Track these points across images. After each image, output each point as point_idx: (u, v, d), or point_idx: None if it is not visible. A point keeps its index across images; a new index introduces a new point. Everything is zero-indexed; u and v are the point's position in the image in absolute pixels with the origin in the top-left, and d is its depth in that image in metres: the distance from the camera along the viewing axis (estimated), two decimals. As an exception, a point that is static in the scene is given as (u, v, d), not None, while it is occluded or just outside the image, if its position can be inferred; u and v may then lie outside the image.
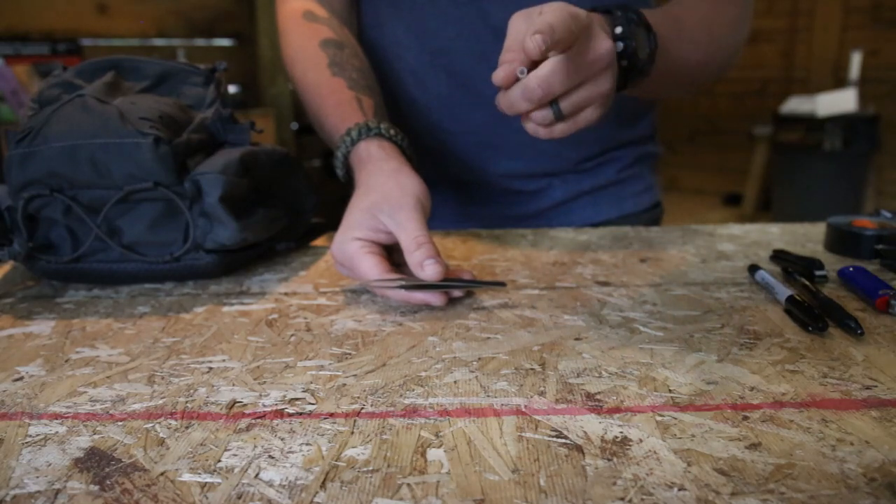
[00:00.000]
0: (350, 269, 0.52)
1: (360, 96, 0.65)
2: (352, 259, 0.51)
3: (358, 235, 0.52)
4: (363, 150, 0.58)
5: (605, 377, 0.38)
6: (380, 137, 0.59)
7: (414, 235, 0.50)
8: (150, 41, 2.72)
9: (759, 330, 0.44)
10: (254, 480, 0.29)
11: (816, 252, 0.62)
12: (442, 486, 0.28)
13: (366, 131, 0.59)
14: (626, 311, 0.48)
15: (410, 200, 0.52)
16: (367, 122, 0.59)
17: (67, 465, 0.30)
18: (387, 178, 0.54)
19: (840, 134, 3.34)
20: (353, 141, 0.59)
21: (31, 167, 0.53)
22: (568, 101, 0.48)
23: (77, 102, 0.55)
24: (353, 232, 0.52)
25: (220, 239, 0.55)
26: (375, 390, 0.37)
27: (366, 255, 0.51)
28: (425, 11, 0.73)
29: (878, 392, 0.35)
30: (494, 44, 0.73)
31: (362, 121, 0.60)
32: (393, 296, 0.50)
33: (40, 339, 0.45)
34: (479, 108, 0.75)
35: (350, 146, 0.59)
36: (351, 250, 0.51)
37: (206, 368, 0.40)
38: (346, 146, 0.59)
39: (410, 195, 0.52)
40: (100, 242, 0.55)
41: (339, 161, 0.61)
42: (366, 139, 0.58)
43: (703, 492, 0.27)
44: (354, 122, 0.60)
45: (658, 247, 0.65)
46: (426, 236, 0.50)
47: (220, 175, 0.54)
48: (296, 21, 0.73)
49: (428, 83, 0.75)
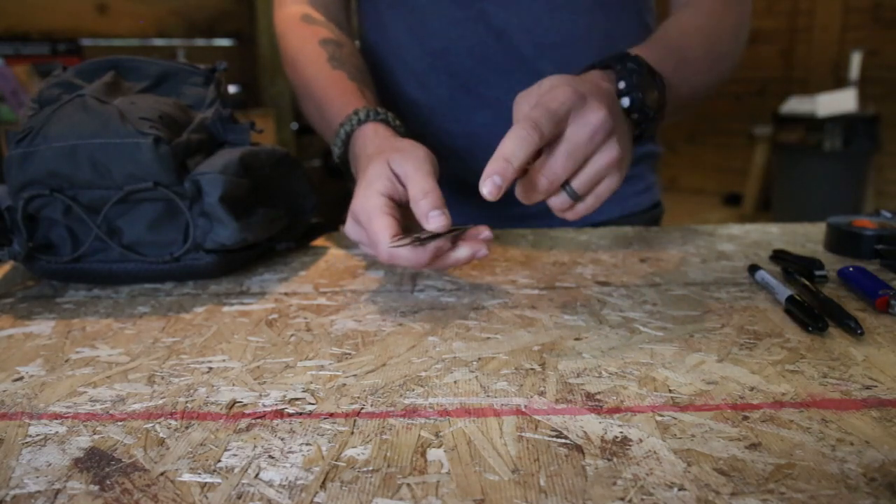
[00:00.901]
0: (366, 225, 0.50)
1: (362, 88, 0.65)
2: (369, 215, 0.49)
3: (380, 189, 0.50)
4: (370, 129, 0.58)
5: (605, 377, 0.38)
6: (386, 124, 0.59)
7: (421, 185, 0.48)
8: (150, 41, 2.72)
9: (759, 330, 0.44)
10: (254, 480, 0.29)
11: (816, 252, 0.62)
12: (442, 486, 0.28)
13: (374, 115, 0.59)
14: (626, 311, 0.48)
15: (421, 153, 0.51)
16: (376, 107, 0.60)
17: (67, 465, 0.30)
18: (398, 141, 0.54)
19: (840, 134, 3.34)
20: (360, 120, 0.59)
21: (31, 167, 0.53)
22: (578, 180, 0.47)
23: (77, 102, 0.55)
24: (375, 185, 0.50)
25: (220, 239, 0.55)
26: (375, 390, 0.37)
27: (383, 214, 0.49)
28: (426, 13, 0.73)
29: (878, 392, 0.35)
30: (495, 45, 0.74)
31: (370, 106, 0.60)
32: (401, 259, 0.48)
33: (40, 339, 0.45)
34: (480, 110, 0.75)
35: (356, 125, 0.59)
36: (370, 206, 0.49)
37: (206, 368, 0.40)
38: (351, 124, 0.59)
39: (421, 149, 0.52)
40: (100, 242, 0.55)
41: (341, 139, 0.60)
42: (374, 121, 0.58)
43: (703, 492, 0.27)
44: (363, 105, 0.60)
45: (658, 247, 0.65)
46: (433, 185, 0.49)
47: (220, 175, 0.54)
48: (294, 23, 0.74)
49: (429, 84, 0.76)
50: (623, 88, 0.50)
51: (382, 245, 0.48)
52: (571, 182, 0.47)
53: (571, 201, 0.48)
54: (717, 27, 0.66)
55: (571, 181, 0.47)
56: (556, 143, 0.46)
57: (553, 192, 0.47)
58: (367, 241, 0.51)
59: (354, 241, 0.54)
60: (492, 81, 0.74)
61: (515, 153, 0.43)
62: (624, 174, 0.49)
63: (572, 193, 0.47)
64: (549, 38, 0.72)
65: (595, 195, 0.48)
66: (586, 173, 0.47)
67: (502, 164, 0.43)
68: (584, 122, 0.46)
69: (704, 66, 0.64)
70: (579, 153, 0.46)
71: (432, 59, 0.74)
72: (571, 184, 0.47)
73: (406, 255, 0.47)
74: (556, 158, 0.45)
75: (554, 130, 0.45)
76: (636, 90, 0.50)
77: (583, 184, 0.47)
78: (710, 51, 0.65)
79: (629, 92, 0.50)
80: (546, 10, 0.71)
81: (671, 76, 0.56)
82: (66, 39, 2.43)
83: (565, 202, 0.48)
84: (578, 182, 0.47)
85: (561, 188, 0.47)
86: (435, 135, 0.77)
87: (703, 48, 0.64)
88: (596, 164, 0.47)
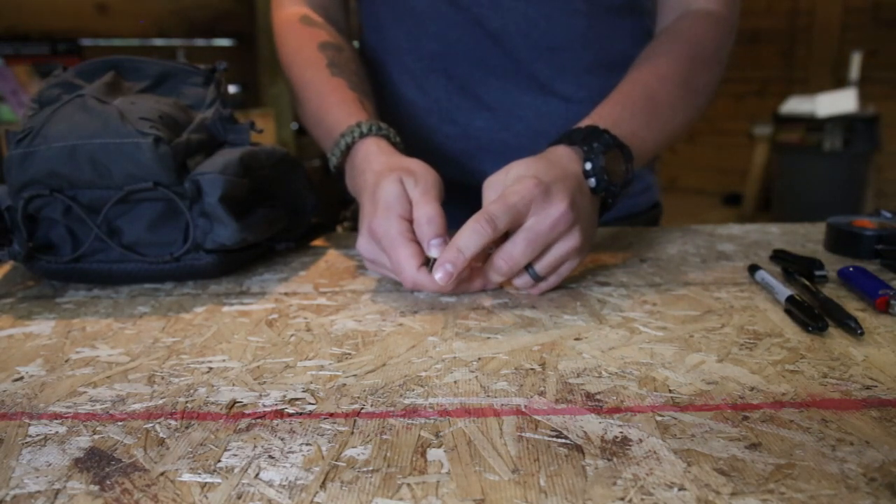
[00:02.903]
0: (388, 250, 0.51)
1: (362, 99, 0.65)
2: (393, 241, 0.50)
3: (400, 212, 0.51)
4: (372, 144, 0.58)
5: (605, 377, 0.38)
6: (387, 139, 0.59)
7: (426, 210, 0.51)
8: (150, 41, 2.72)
9: (759, 330, 0.44)
10: (254, 480, 0.29)
11: (816, 252, 0.62)
12: (442, 486, 0.28)
13: (377, 129, 0.59)
14: (626, 311, 0.48)
15: (431, 178, 0.53)
16: (377, 122, 0.60)
17: (67, 465, 0.30)
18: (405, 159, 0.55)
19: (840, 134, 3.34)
20: (362, 133, 0.59)
21: (31, 167, 0.53)
22: (540, 264, 0.50)
23: (77, 102, 0.55)
24: (395, 208, 0.51)
25: (220, 239, 0.55)
26: (375, 390, 0.37)
27: (408, 241, 0.50)
28: (424, 16, 0.73)
29: (878, 392, 0.35)
30: (492, 49, 0.74)
31: (371, 119, 0.60)
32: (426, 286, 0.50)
33: (40, 339, 0.45)
34: (478, 112, 0.75)
35: (358, 137, 0.59)
36: (393, 232, 0.50)
37: (206, 368, 0.40)
38: (352, 136, 0.59)
39: (431, 173, 0.54)
40: (100, 242, 0.55)
41: (340, 149, 0.60)
42: (375, 136, 0.59)
43: (703, 492, 0.27)
44: (365, 118, 0.60)
45: (658, 247, 0.65)
46: (438, 211, 0.51)
47: (220, 175, 0.54)
48: (293, 24, 0.74)
49: (427, 87, 0.76)
50: (589, 170, 0.52)
51: (408, 272, 0.50)
52: (534, 265, 0.50)
53: (533, 281, 0.51)
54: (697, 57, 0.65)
55: (534, 264, 0.50)
56: (518, 230, 0.49)
57: (512, 274, 0.50)
58: (388, 265, 0.53)
59: (367, 258, 0.55)
60: (489, 84, 0.74)
61: (468, 245, 0.47)
62: (584, 257, 0.53)
63: (534, 275, 0.50)
64: (545, 42, 0.72)
65: (557, 274, 0.52)
66: (547, 259, 0.50)
67: (454, 254, 0.47)
68: (546, 215, 0.48)
69: (681, 106, 0.64)
70: (538, 242, 0.48)
71: (429, 62, 0.74)
72: (534, 267, 0.50)
73: (430, 284, 0.49)
74: (516, 245, 0.48)
75: (512, 223, 0.48)
76: (602, 172, 0.52)
77: (544, 268, 0.50)
78: (688, 89, 0.64)
79: (595, 174, 0.52)
80: (542, 14, 0.71)
81: (643, 132, 0.58)
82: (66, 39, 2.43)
83: (528, 282, 0.51)
84: (540, 266, 0.50)
85: (524, 270, 0.50)
86: (432, 137, 0.77)
87: (681, 88, 0.63)
88: (556, 251, 0.50)
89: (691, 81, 0.65)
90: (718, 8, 0.69)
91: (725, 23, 0.69)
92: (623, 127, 0.56)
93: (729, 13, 0.69)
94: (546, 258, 0.50)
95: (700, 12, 0.69)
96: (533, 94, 0.74)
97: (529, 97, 0.74)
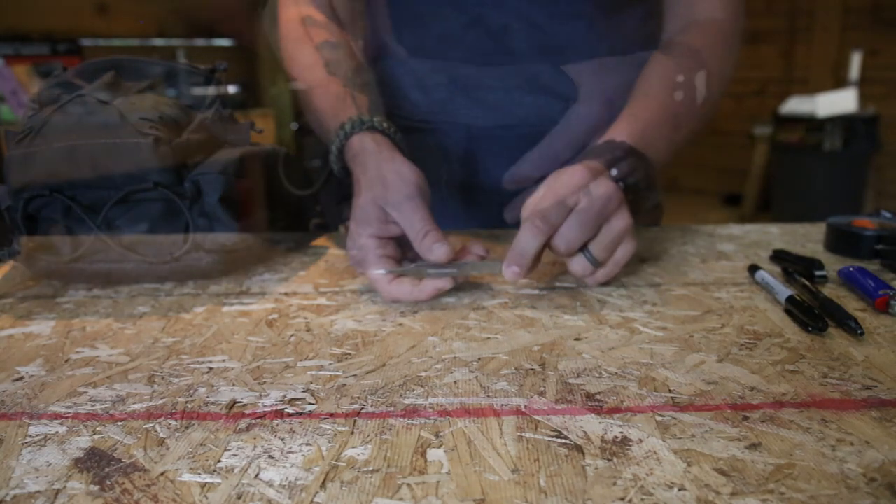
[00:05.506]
0: (362, 267, 0.53)
1: (353, 93, 0.65)
2: (364, 260, 0.52)
3: (372, 232, 0.53)
4: (356, 144, 0.58)
5: (605, 377, 0.38)
6: (372, 130, 0.59)
7: (419, 226, 0.52)
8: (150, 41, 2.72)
9: (759, 330, 0.44)
10: (254, 480, 0.29)
11: (816, 252, 0.62)
12: (442, 486, 0.28)
13: (359, 125, 0.59)
14: (626, 311, 0.48)
15: (412, 189, 0.53)
16: (360, 115, 0.60)
17: (67, 465, 0.30)
18: (383, 169, 0.55)
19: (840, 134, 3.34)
20: (346, 135, 0.59)
21: (31, 167, 0.53)
22: (596, 245, 0.50)
23: (77, 102, 0.55)
24: (368, 228, 0.53)
25: (220, 239, 0.55)
26: (375, 390, 0.37)
27: (378, 259, 0.52)
28: (426, 16, 0.73)
29: (878, 392, 0.35)
30: (495, 48, 0.74)
31: (355, 115, 0.60)
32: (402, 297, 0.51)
33: (40, 339, 0.45)
34: (481, 111, 0.75)
35: (344, 140, 0.59)
36: (366, 248, 0.52)
37: (206, 368, 0.40)
38: (339, 140, 0.59)
39: (411, 183, 0.53)
40: (100, 242, 0.55)
41: (334, 156, 0.61)
42: (359, 132, 0.59)
43: (703, 492, 0.27)
44: (348, 117, 0.60)
45: (658, 247, 0.65)
46: (431, 223, 0.52)
47: (220, 175, 0.54)
48: (294, 26, 0.74)
49: (430, 86, 0.76)
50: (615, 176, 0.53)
51: (382, 289, 0.51)
52: (590, 248, 0.50)
53: (592, 267, 0.51)
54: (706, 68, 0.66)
55: (590, 247, 0.50)
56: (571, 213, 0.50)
57: (570, 254, 0.50)
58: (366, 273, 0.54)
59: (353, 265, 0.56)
60: (491, 84, 0.74)
61: (528, 247, 0.49)
62: (636, 246, 0.53)
63: (592, 259, 0.51)
64: (548, 42, 0.72)
65: (614, 262, 0.52)
66: (601, 240, 0.50)
67: (518, 257, 0.49)
68: (597, 195, 0.49)
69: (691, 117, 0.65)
70: (591, 220, 0.49)
71: (433, 62, 0.74)
72: (590, 250, 0.50)
73: (405, 295, 0.51)
74: (570, 225, 0.49)
75: (565, 214, 0.49)
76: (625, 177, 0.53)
77: (600, 249, 0.50)
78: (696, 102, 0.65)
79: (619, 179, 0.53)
80: (545, 14, 0.71)
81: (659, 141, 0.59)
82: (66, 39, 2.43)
83: (587, 268, 0.51)
84: (596, 248, 0.50)
85: (581, 254, 0.50)
86: (435, 136, 0.77)
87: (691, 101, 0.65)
88: (609, 231, 0.50)
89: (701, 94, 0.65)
90: (724, 16, 0.69)
91: (732, 31, 0.69)
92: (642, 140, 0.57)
93: (734, 20, 0.69)
94: (600, 238, 0.50)
95: (706, 22, 0.69)
96: (535, 94, 0.74)
97: (531, 97, 0.74)
